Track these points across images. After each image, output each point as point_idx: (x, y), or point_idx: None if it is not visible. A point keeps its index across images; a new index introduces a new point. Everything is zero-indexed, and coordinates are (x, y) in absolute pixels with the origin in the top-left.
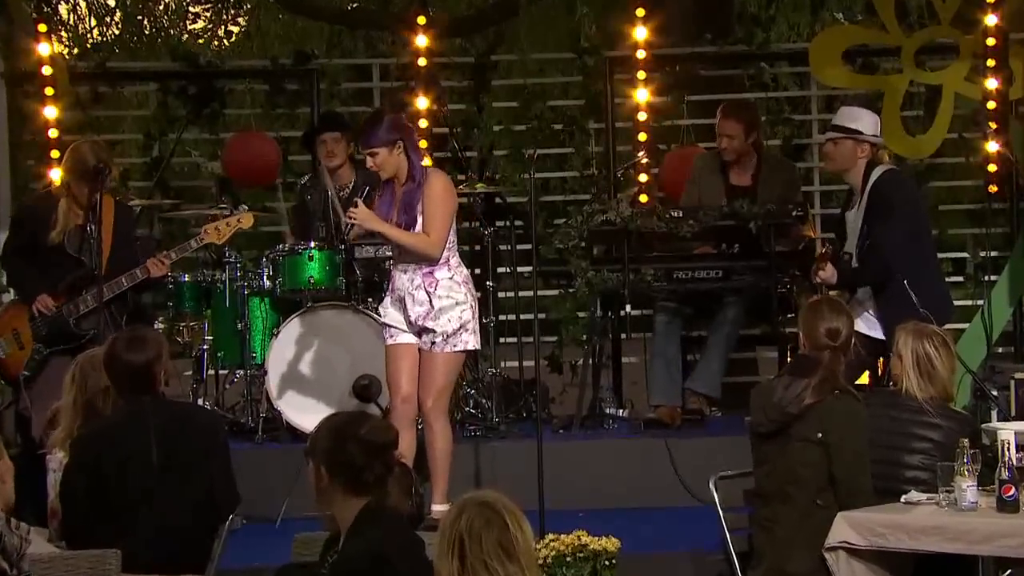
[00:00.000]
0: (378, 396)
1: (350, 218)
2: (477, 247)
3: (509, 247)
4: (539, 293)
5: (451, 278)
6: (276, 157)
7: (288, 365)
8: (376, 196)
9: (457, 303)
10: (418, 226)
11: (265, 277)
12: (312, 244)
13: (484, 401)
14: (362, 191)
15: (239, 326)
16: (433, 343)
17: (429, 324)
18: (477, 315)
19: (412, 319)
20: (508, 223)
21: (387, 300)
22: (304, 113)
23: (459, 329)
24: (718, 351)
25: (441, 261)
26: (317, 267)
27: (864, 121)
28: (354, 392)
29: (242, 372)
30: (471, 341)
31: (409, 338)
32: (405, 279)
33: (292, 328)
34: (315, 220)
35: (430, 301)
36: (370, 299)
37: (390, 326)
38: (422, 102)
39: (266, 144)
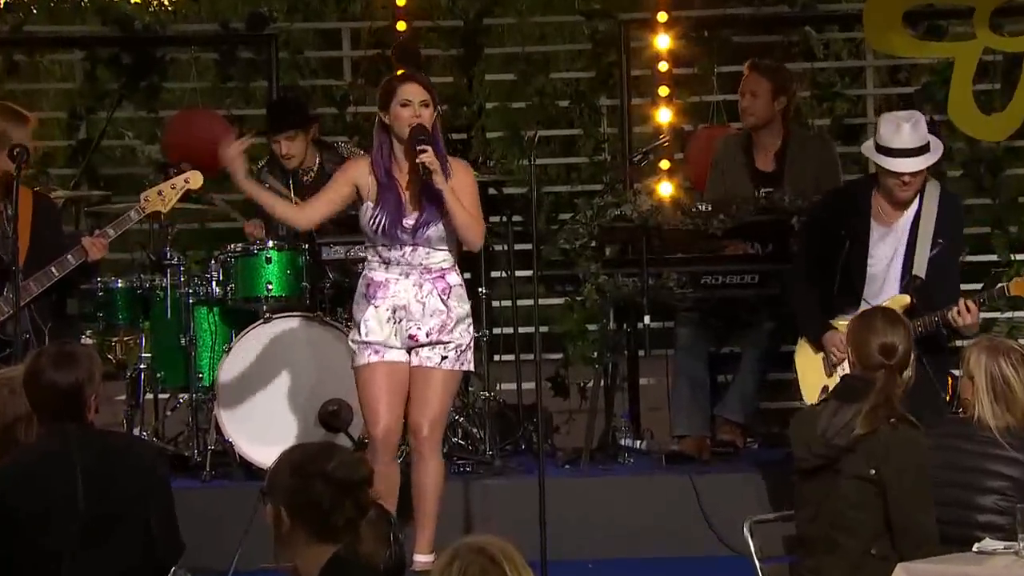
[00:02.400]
0: (349, 425)
1: (422, 157)
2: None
3: (505, 247)
4: (541, 302)
5: (461, 284)
6: (227, 139)
7: (242, 388)
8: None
9: (468, 314)
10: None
11: (214, 283)
12: (270, 243)
13: (475, 430)
14: (409, 134)
15: (183, 341)
16: (444, 358)
17: (444, 338)
18: None
19: (418, 335)
20: (504, 219)
21: (368, 312)
22: (260, 87)
23: (470, 344)
24: (754, 371)
25: (451, 264)
26: (276, 271)
27: (937, 140)
28: (321, 420)
29: (186, 396)
30: (472, 360)
31: (397, 355)
32: (408, 285)
33: (247, 343)
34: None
35: (448, 311)
36: (339, 309)
37: (370, 343)
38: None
39: (215, 124)
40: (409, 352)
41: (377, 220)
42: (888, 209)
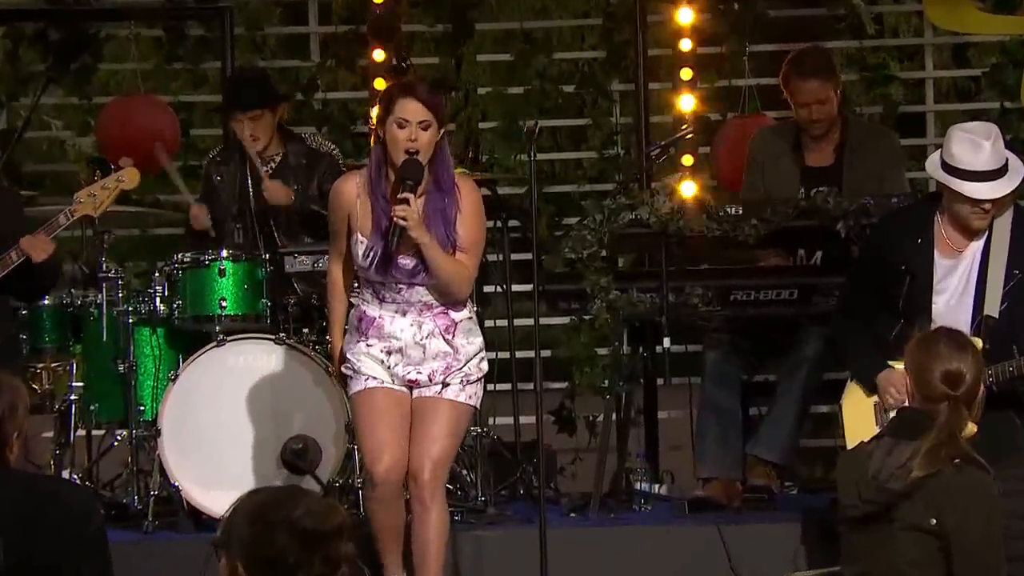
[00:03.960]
0: (317, 466)
1: (399, 218)
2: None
3: (500, 257)
4: (542, 321)
5: (470, 317)
6: (173, 131)
7: (191, 423)
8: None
9: (480, 348)
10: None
11: (158, 299)
12: (224, 252)
13: (465, 472)
14: (398, 174)
15: (121, 368)
16: (446, 385)
17: (452, 381)
18: None
19: (418, 380)
20: (499, 223)
21: (359, 348)
22: (212, 69)
23: (482, 379)
24: (793, 403)
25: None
26: (231, 285)
27: (1015, 158)
28: (284, 460)
29: (125, 433)
30: (479, 396)
31: (398, 381)
32: (405, 324)
33: (196, 371)
34: (229, 213)
35: (455, 352)
36: (306, 330)
37: (365, 376)
38: (378, 55)
39: (158, 112)
40: (410, 388)
41: (370, 256)
42: (956, 237)
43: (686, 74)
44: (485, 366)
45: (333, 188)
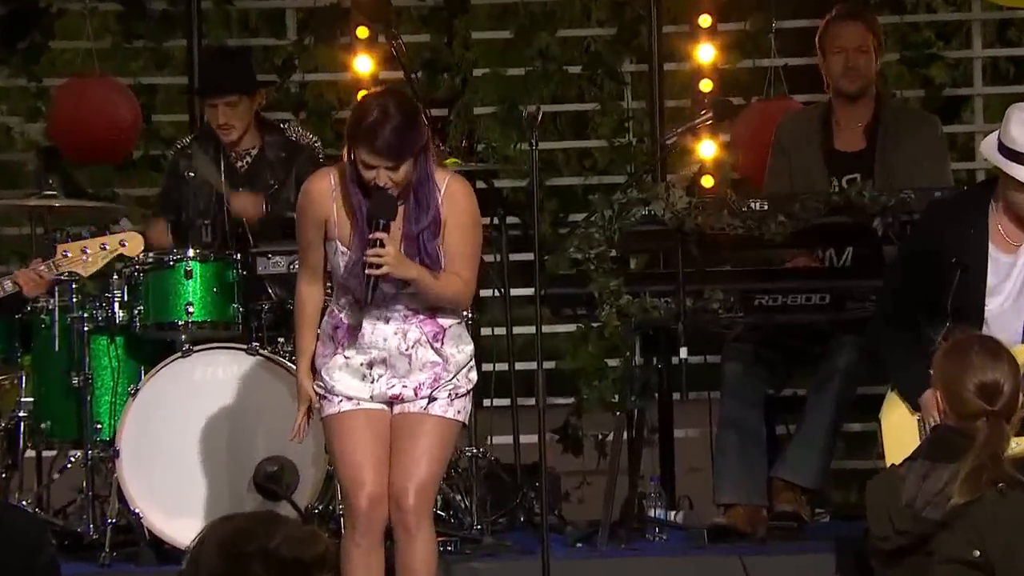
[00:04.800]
0: (293, 490)
1: (373, 266)
2: None
3: (498, 258)
4: (545, 329)
5: (459, 322)
6: (133, 117)
7: (153, 443)
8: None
9: (470, 358)
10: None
11: (117, 305)
12: (191, 252)
13: (459, 498)
14: (366, 213)
15: (75, 381)
16: (432, 400)
17: (439, 395)
18: None
19: (403, 393)
20: (497, 220)
21: (336, 362)
22: (177, 48)
23: (471, 391)
24: (823, 420)
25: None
26: (199, 288)
27: None
28: (257, 484)
29: (79, 453)
30: (467, 411)
31: (376, 406)
32: (388, 333)
33: (160, 384)
34: (195, 210)
35: (444, 362)
36: (281, 339)
37: (339, 397)
38: (361, 32)
39: (117, 96)
40: (390, 405)
41: (353, 271)
42: (1012, 230)
43: (706, 53)
44: (474, 376)
45: (303, 189)
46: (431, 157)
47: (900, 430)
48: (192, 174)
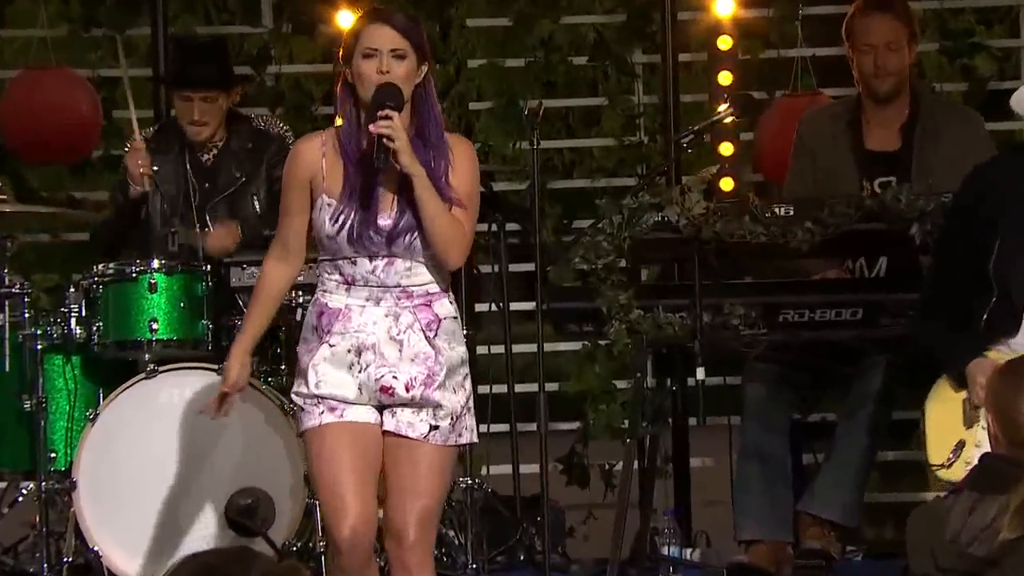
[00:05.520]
0: (270, 525)
1: (380, 128)
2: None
3: (496, 268)
4: (548, 347)
5: (455, 317)
6: (91, 112)
7: (115, 473)
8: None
9: (464, 359)
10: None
11: (73, 321)
12: (155, 262)
13: (452, 533)
14: (371, 99)
15: (27, 406)
16: (433, 428)
17: (433, 395)
18: None
19: (394, 387)
20: (495, 227)
21: (321, 353)
22: (140, 37)
23: (468, 404)
24: (855, 448)
25: (440, 287)
26: (165, 303)
27: None
28: (230, 519)
29: (32, 485)
30: (472, 426)
31: (364, 413)
32: (378, 315)
33: (121, 408)
34: (161, 214)
35: (436, 353)
36: (256, 358)
37: (323, 398)
38: (346, 18)
39: (73, 90)
40: (381, 412)
41: (340, 220)
42: None
43: (724, 43)
44: (469, 385)
45: (291, 150)
46: (434, 92)
47: (943, 414)
48: (156, 168)
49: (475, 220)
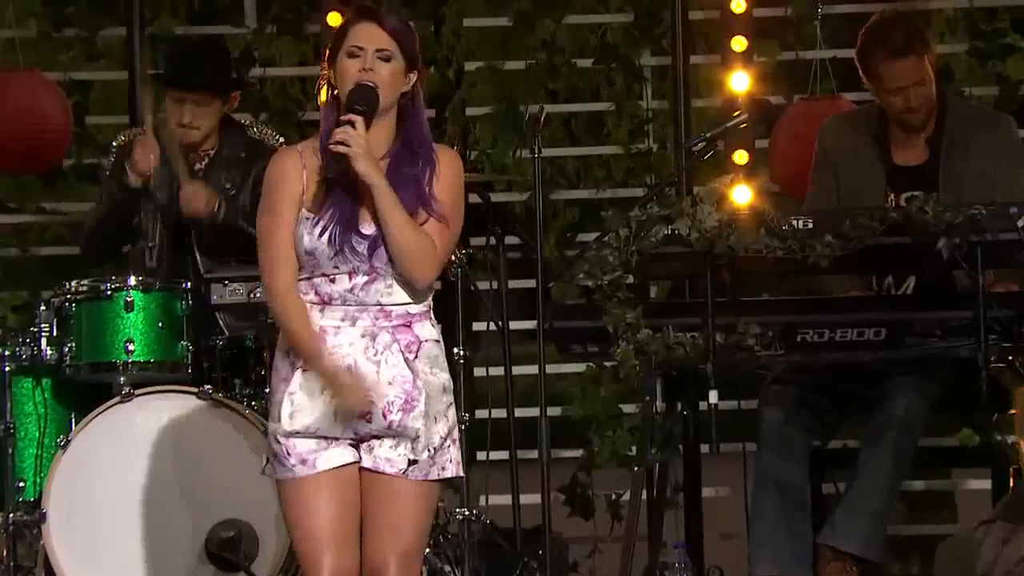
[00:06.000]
0: (253, 559)
1: (337, 143)
2: (436, 283)
3: (495, 285)
4: (550, 369)
5: (437, 340)
6: (62, 118)
7: (87, 504)
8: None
9: (447, 386)
10: None
11: (44, 341)
12: (132, 279)
13: (449, 569)
14: (344, 101)
15: None
16: (413, 462)
17: (411, 423)
18: None
19: (372, 414)
20: (493, 240)
21: (295, 382)
22: (114, 38)
23: (452, 434)
24: (879, 477)
25: (422, 308)
26: (141, 322)
27: None
28: (210, 552)
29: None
30: (456, 459)
31: (341, 455)
32: (355, 336)
33: (95, 435)
34: (151, 218)
35: (414, 377)
36: (238, 380)
37: (299, 435)
38: (333, 18)
39: (43, 93)
40: (358, 446)
41: (319, 231)
42: None
43: (739, 44)
44: (453, 415)
45: (273, 165)
46: (422, 100)
47: None
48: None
49: (454, 237)
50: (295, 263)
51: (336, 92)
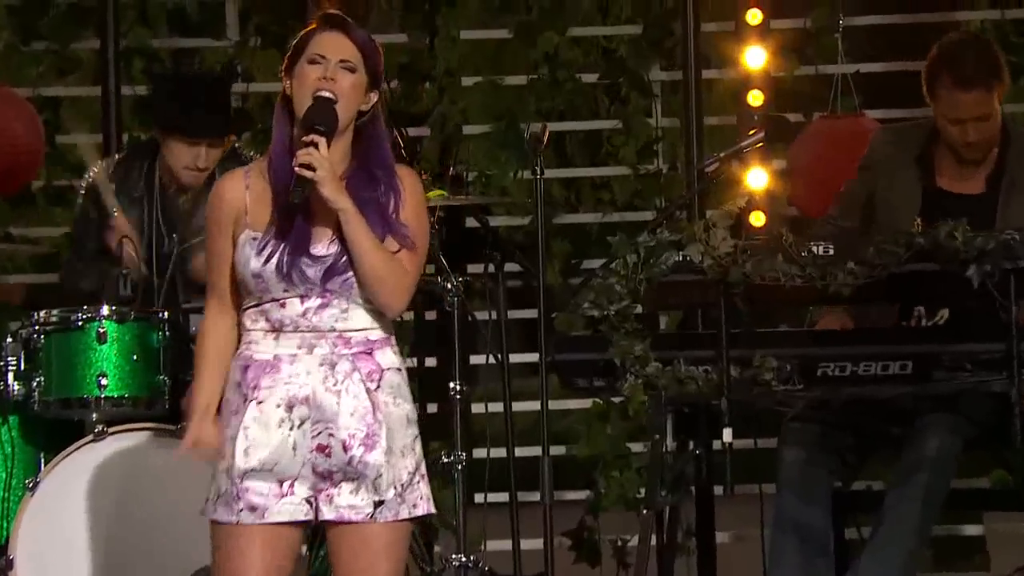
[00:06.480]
0: None
1: (301, 165)
2: (430, 314)
3: (494, 315)
4: (553, 405)
5: (399, 369)
6: (32, 136)
7: (56, 549)
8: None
9: (409, 419)
10: None
11: (11, 376)
12: (105, 309)
13: None
14: (302, 119)
15: None
16: (379, 503)
17: (372, 460)
18: None
19: (331, 446)
20: (492, 267)
21: (249, 415)
22: (87, 51)
23: (415, 472)
24: (907, 521)
25: (383, 334)
26: (115, 355)
27: None
28: None
29: None
30: (427, 495)
31: (290, 508)
32: (312, 365)
33: (66, 475)
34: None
35: (374, 409)
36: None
37: (251, 473)
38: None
39: (11, 110)
40: (317, 496)
41: (267, 251)
42: None
43: (755, 57)
44: (419, 448)
45: (212, 192)
46: (382, 121)
47: None
48: (115, 211)
49: (423, 258)
50: (227, 291)
51: (289, 102)
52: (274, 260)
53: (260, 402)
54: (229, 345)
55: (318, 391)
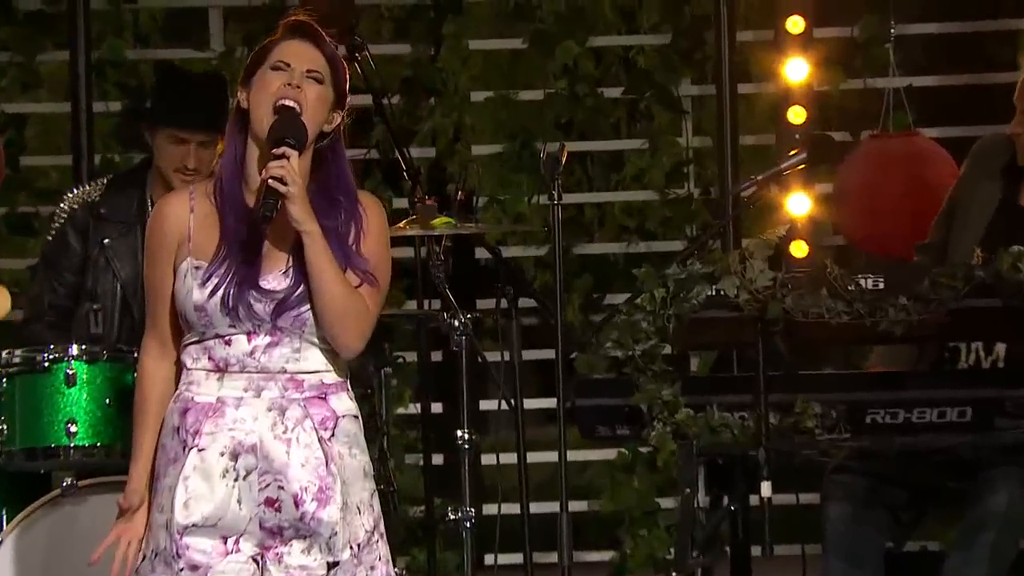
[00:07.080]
0: None
1: (273, 177)
2: (435, 354)
3: (507, 356)
4: (572, 456)
5: (355, 415)
6: None
7: None
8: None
9: (366, 472)
10: None
11: None
12: (74, 348)
13: None
14: (269, 131)
15: None
16: (334, 565)
17: (326, 518)
18: None
19: (281, 500)
20: (504, 303)
21: (189, 464)
22: (56, 64)
23: (373, 531)
24: None
25: (338, 377)
26: (85, 399)
27: None
28: None
29: None
30: (386, 556)
31: (238, 571)
32: (260, 409)
33: (31, 534)
34: (110, 295)
35: (327, 462)
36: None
37: (192, 528)
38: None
39: None
40: (264, 554)
41: (212, 282)
42: None
43: (797, 70)
44: (377, 504)
45: (152, 214)
46: (344, 149)
47: None
48: (107, 241)
49: (384, 296)
50: (167, 329)
51: (244, 115)
52: (219, 293)
53: (201, 449)
54: (168, 394)
55: (266, 439)
